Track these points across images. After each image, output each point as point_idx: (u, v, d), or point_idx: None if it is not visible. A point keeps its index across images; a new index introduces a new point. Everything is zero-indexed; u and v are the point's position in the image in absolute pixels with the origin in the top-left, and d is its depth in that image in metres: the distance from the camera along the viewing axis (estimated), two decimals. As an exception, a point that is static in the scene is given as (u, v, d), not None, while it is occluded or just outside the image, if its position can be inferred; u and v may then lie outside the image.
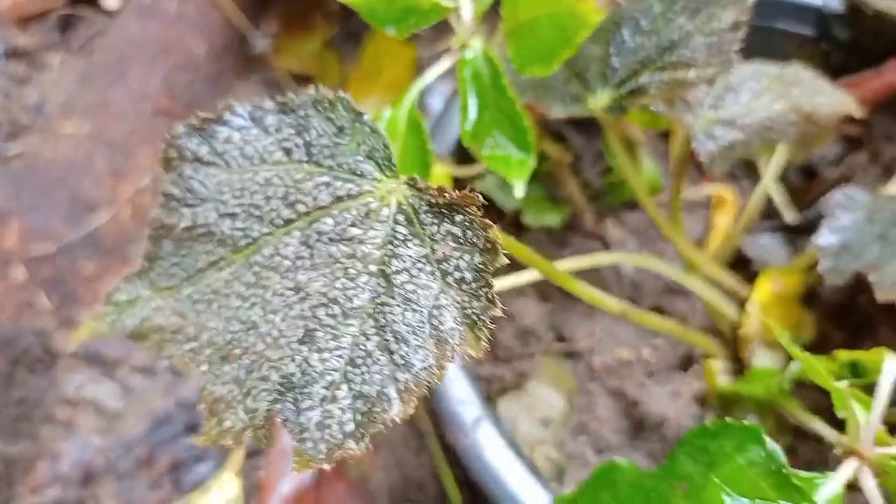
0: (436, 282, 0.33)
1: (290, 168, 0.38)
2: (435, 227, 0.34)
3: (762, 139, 0.56)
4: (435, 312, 0.32)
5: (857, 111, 0.64)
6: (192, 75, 0.99)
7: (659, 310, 0.68)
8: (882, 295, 0.53)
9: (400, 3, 0.59)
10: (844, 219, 0.60)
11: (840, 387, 0.42)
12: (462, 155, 0.70)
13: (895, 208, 0.61)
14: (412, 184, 0.36)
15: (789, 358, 0.65)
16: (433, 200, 0.34)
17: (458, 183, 0.67)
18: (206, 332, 0.39)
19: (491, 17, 0.59)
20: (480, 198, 0.33)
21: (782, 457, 0.37)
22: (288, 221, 0.38)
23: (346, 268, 0.35)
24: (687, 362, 0.63)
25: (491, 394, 0.63)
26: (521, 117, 0.52)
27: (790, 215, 0.73)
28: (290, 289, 0.37)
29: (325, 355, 0.33)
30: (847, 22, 0.75)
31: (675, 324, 0.59)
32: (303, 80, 1.04)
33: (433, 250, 0.34)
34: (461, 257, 0.33)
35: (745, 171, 0.76)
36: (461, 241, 0.33)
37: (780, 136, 0.57)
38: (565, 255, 0.72)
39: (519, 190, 0.52)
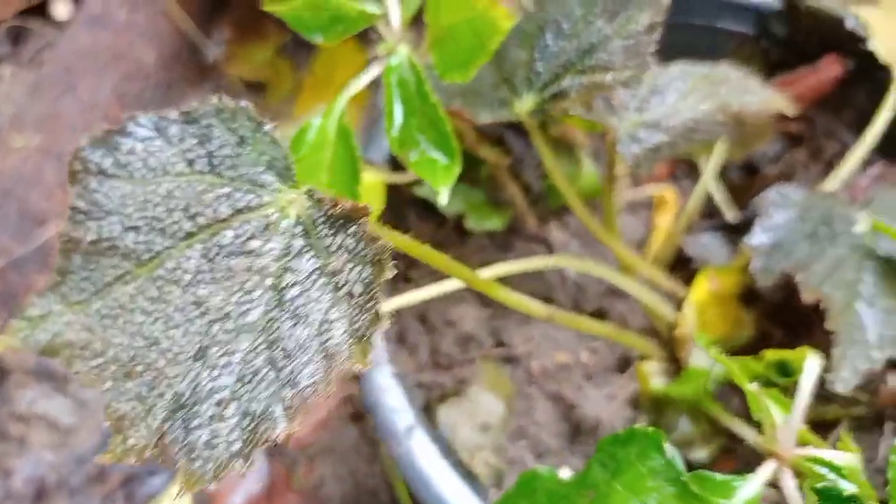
0: (328, 295, 0.33)
1: (192, 179, 0.38)
2: (330, 240, 0.34)
3: (688, 140, 0.56)
4: (325, 327, 0.32)
5: (789, 109, 0.64)
6: (143, 84, 0.99)
7: (601, 311, 0.69)
8: (808, 295, 0.54)
9: (327, 12, 0.59)
10: (777, 217, 0.61)
11: (752, 389, 0.42)
12: (399, 161, 0.70)
13: (827, 205, 0.62)
14: (311, 195, 0.36)
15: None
16: (330, 212, 0.34)
17: (396, 190, 0.67)
18: (112, 347, 0.39)
19: (419, 23, 0.59)
20: (371, 209, 0.33)
21: (681, 464, 0.37)
22: (189, 234, 0.37)
23: (244, 282, 0.35)
24: (625, 364, 0.63)
25: (431, 401, 0.63)
26: (444, 123, 0.52)
27: (731, 213, 0.73)
28: (191, 304, 0.36)
29: (216, 373, 0.33)
30: (784, 19, 0.75)
31: (608, 326, 0.59)
32: (255, 87, 1.03)
33: (327, 263, 0.33)
34: (352, 270, 0.33)
35: (687, 171, 0.77)
36: (354, 253, 0.33)
37: (707, 136, 0.57)
38: (508, 259, 0.72)
39: (444, 197, 0.52)
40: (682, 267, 0.72)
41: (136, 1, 0.97)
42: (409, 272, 0.70)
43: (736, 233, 0.73)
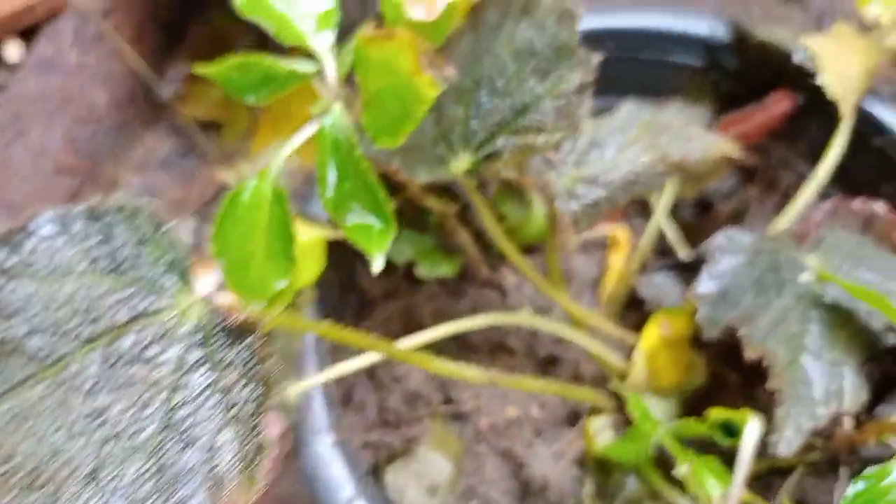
0: (219, 415, 0.32)
1: (94, 280, 0.37)
2: (225, 352, 0.33)
3: (628, 193, 0.55)
4: (214, 451, 0.31)
5: (734, 152, 0.63)
6: (95, 127, 0.97)
7: (553, 358, 0.68)
8: (751, 351, 0.53)
9: (256, 72, 0.58)
10: (724, 263, 0.60)
11: (683, 471, 0.41)
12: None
13: (776, 249, 0.61)
14: (209, 301, 0.35)
15: (680, 405, 0.65)
16: (225, 322, 0.33)
17: (338, 245, 0.66)
18: (19, 454, 0.37)
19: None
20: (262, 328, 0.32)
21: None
22: (91, 339, 0.36)
23: (140, 395, 0.34)
24: (576, 417, 0.62)
25: (379, 462, 0.62)
26: (377, 189, 0.51)
27: (684, 252, 0.72)
28: (91, 413, 0.35)
29: (105, 498, 0.32)
30: (733, 52, 0.74)
31: (553, 383, 0.58)
32: (211, 125, 1.02)
33: (221, 378, 0.32)
34: (244, 388, 0.31)
35: (639, 209, 0.76)
36: (246, 369, 0.32)
37: (647, 187, 0.56)
38: (461, 307, 0.71)
39: (378, 264, 0.51)
40: (637, 308, 0.71)
41: (87, 42, 0.96)
42: (358, 322, 0.69)
43: (689, 272, 0.72)
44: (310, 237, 0.60)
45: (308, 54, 0.60)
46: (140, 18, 1.01)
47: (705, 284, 0.58)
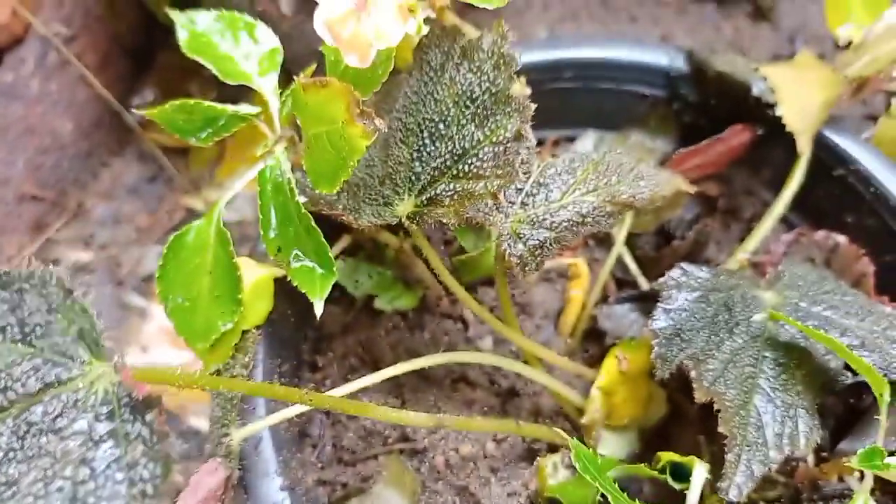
0: (123, 490, 0.31)
1: (3, 349, 0.36)
2: (131, 426, 0.32)
3: (575, 234, 0.54)
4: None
5: (687, 187, 0.62)
6: (59, 155, 0.97)
7: (513, 391, 0.67)
8: (701, 394, 0.52)
9: (200, 114, 0.57)
10: (679, 299, 0.59)
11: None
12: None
13: (732, 285, 0.60)
14: (119, 370, 0.34)
15: (639, 439, 0.64)
16: (132, 393, 0.32)
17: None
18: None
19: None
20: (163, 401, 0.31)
21: None
22: (1, 408, 0.35)
23: (46, 469, 0.33)
24: (532, 454, 0.62)
25: (334, 500, 0.61)
26: (317, 234, 0.50)
27: (644, 284, 0.71)
28: (3, 484, 0.34)
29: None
30: (693, 82, 0.74)
31: (507, 422, 0.57)
32: (178, 152, 1.01)
33: (126, 453, 0.31)
34: (146, 465, 0.31)
35: (601, 239, 0.75)
36: (147, 446, 0.31)
37: (596, 228, 0.55)
38: (421, 339, 0.70)
39: (318, 308, 0.50)
40: (599, 339, 0.70)
41: (49, 69, 0.95)
42: (315, 357, 0.68)
43: (649, 302, 0.71)
44: (260, 275, 0.59)
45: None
46: (105, 44, 1.00)
47: (660, 320, 0.57)
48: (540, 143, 0.80)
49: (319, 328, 0.69)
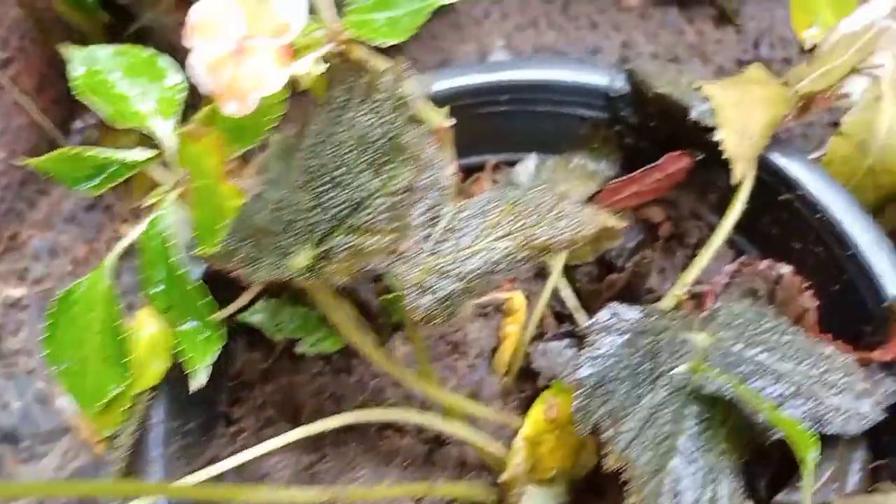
0: None
1: None
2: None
3: (488, 282, 0.51)
4: None
5: (614, 222, 0.59)
6: (-7, 185, 0.93)
7: (441, 440, 0.64)
8: (612, 460, 0.48)
9: (88, 162, 0.54)
10: (605, 345, 0.56)
11: None
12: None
13: (661, 327, 0.57)
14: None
15: (569, 491, 0.61)
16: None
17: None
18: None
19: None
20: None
21: None
22: None
23: None
24: (455, 513, 0.59)
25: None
26: (198, 297, 0.47)
27: (582, 318, 0.68)
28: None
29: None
30: (633, 104, 0.70)
31: (415, 484, 0.54)
32: (119, 177, 0.98)
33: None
34: None
35: (538, 272, 0.72)
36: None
37: (509, 274, 0.52)
38: (347, 384, 0.67)
39: (201, 377, 0.47)
40: (534, 379, 0.67)
41: (-20, 96, 0.92)
42: (231, 410, 0.65)
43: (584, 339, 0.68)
44: (158, 329, 0.55)
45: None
46: (42, 68, 0.97)
47: (583, 369, 0.54)
48: (480, 168, 0.77)
49: (237, 376, 0.65)
